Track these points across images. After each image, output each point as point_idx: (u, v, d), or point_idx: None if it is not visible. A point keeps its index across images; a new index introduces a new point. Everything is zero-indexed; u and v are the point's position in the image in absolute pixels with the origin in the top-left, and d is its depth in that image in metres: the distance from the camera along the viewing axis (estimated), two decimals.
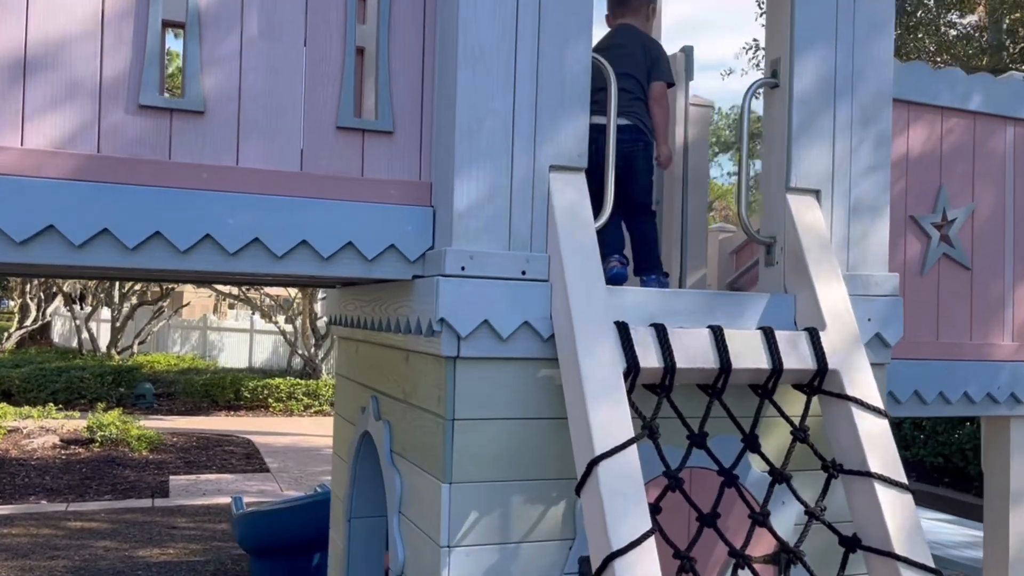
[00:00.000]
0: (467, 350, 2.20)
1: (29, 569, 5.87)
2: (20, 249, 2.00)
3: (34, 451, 10.04)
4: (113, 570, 5.91)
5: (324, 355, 17.55)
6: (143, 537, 6.79)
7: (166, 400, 15.80)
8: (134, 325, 21.96)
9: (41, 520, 7.23)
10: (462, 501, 2.20)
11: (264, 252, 2.21)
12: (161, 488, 8.66)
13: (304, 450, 11.35)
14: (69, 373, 15.42)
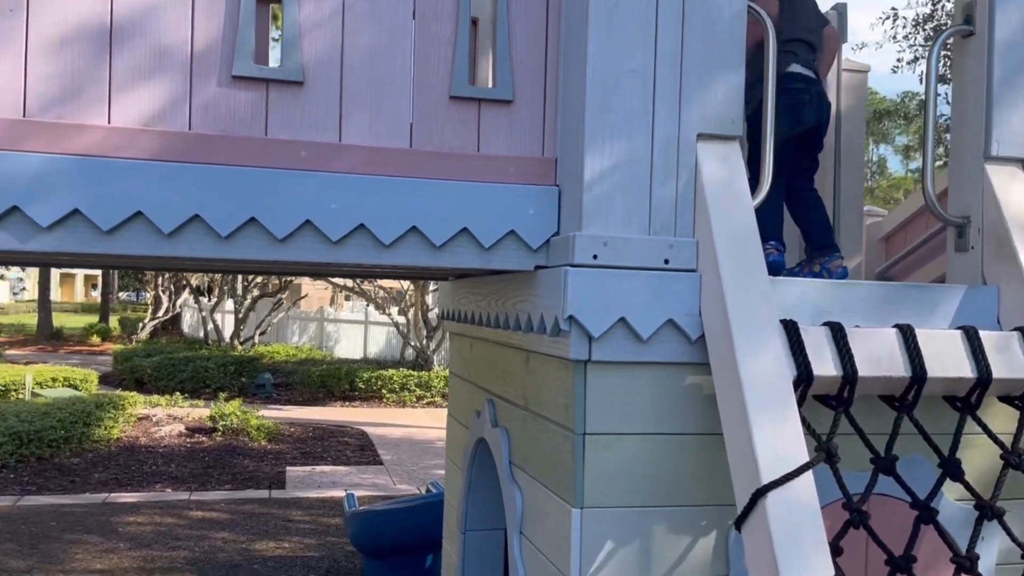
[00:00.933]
0: (600, 353, 1.88)
1: (151, 560, 5.95)
2: (107, 239, 1.81)
3: (161, 439, 10.38)
4: (230, 563, 5.92)
5: (436, 347, 17.61)
6: (260, 530, 6.81)
7: (284, 390, 16.20)
8: (255, 316, 22.75)
9: (165, 509, 7.38)
10: (595, 529, 1.88)
11: (370, 240, 1.95)
12: (278, 479, 8.74)
13: (417, 443, 11.31)
14: (195, 363, 16.03)
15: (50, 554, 5.97)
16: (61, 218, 1.76)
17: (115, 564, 5.81)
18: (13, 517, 6.89)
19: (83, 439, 9.52)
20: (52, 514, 7.03)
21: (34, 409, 9.39)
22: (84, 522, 6.83)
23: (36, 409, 9.40)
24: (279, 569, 5.82)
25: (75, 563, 5.80)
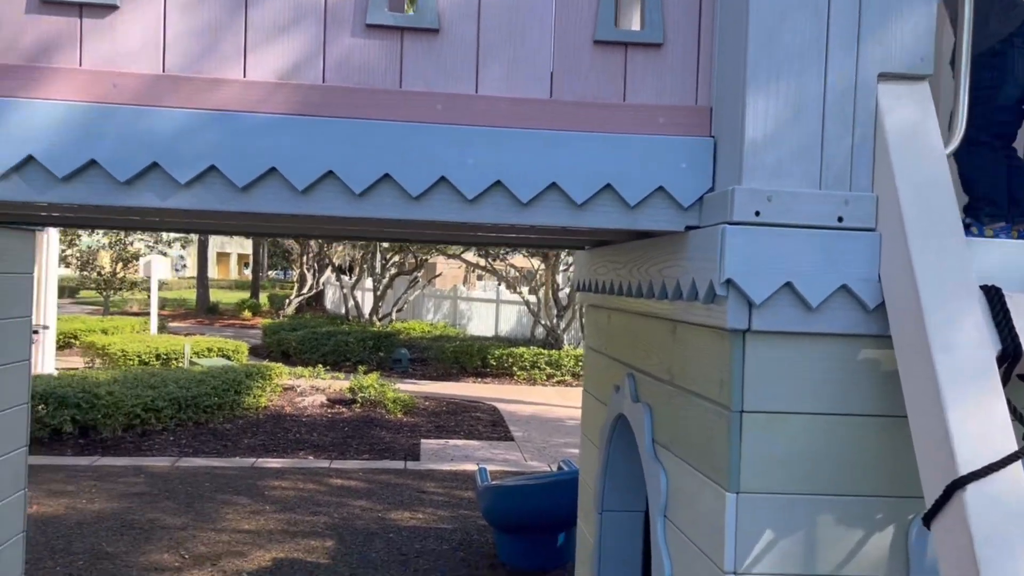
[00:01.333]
0: (761, 322, 1.68)
1: (294, 523, 6.17)
2: (242, 196, 1.77)
3: (305, 408, 10.81)
4: (368, 531, 6.05)
5: (566, 326, 17.52)
6: (395, 499, 6.94)
7: (420, 365, 16.57)
8: (393, 294, 23.41)
9: (307, 475, 7.66)
10: (753, 517, 1.69)
11: (507, 199, 1.83)
12: (413, 451, 8.91)
13: (547, 420, 11.27)
14: (337, 337, 16.65)
15: (203, 513, 6.30)
16: (198, 175, 1.74)
17: (261, 526, 6.06)
18: (172, 477, 7.33)
19: (234, 406, 10.04)
20: (206, 475, 7.43)
21: (191, 377, 9.98)
22: (234, 484, 7.18)
23: (193, 377, 9.98)
24: (413, 539, 5.90)
25: (226, 523, 6.09)
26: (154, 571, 5.07)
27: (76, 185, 1.72)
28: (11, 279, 3.00)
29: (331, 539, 5.82)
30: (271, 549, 5.55)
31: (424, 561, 5.46)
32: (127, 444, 8.45)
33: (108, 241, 25.56)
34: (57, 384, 8.70)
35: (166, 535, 5.74)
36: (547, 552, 5.29)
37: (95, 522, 5.95)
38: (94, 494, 6.65)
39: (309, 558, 5.42)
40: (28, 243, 3.13)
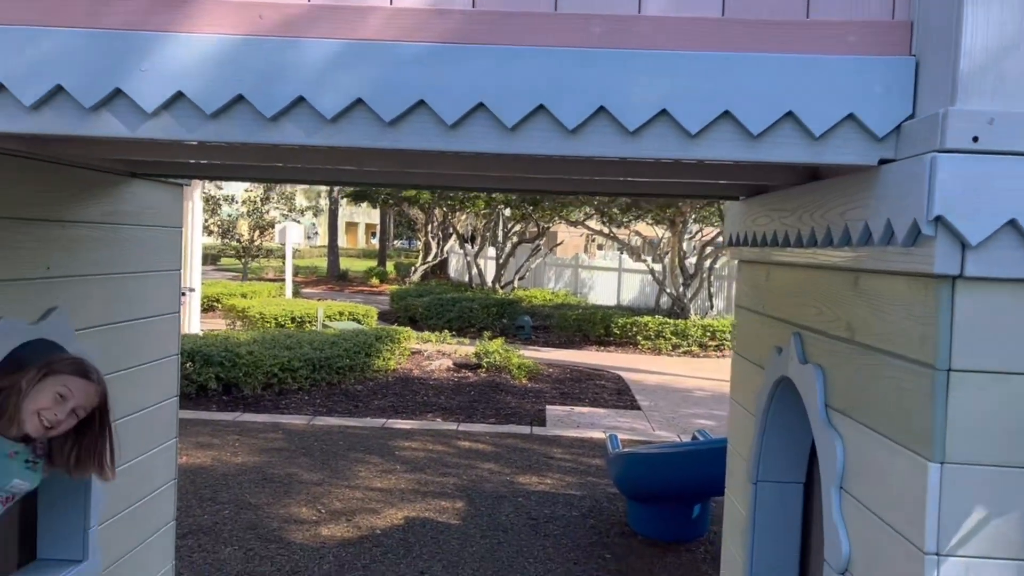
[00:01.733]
0: (977, 266, 1.44)
1: (424, 483, 6.23)
2: (390, 131, 1.67)
3: (432, 372, 10.97)
4: (496, 494, 6.04)
5: (692, 295, 17.04)
6: (523, 464, 6.91)
7: (542, 332, 16.56)
8: (515, 262, 23.50)
9: (436, 437, 7.75)
10: (960, 491, 1.47)
11: (673, 130, 1.65)
12: (538, 416, 8.87)
13: (674, 391, 11.00)
14: (461, 304, 16.85)
15: (338, 470, 6.46)
16: (344, 108, 1.65)
17: (393, 484, 6.15)
18: (307, 435, 7.57)
19: (365, 368, 10.30)
20: (340, 434, 7.64)
21: (324, 339, 10.30)
22: (366, 443, 7.34)
23: (326, 339, 10.29)
24: (542, 504, 5.84)
25: (359, 480, 6.22)
26: (293, 523, 5.22)
27: (223, 121, 1.66)
28: (161, 232, 3.06)
29: (461, 500, 5.85)
30: (402, 508, 5.62)
31: (554, 527, 5.39)
32: (266, 402, 8.81)
33: (246, 210, 26.82)
34: (203, 343, 9.15)
35: (303, 489, 5.92)
36: (681, 523, 5.11)
37: (238, 474, 6.20)
38: (237, 448, 6.95)
39: (440, 518, 5.45)
40: (176, 197, 3.19)
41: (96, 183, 2.60)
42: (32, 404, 2.20)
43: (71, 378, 2.24)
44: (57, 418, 2.22)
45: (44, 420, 2.21)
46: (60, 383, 2.22)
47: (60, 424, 2.24)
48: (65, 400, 2.22)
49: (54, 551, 2.60)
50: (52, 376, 2.22)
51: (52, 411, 2.21)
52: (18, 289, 2.22)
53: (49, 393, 2.21)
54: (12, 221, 2.19)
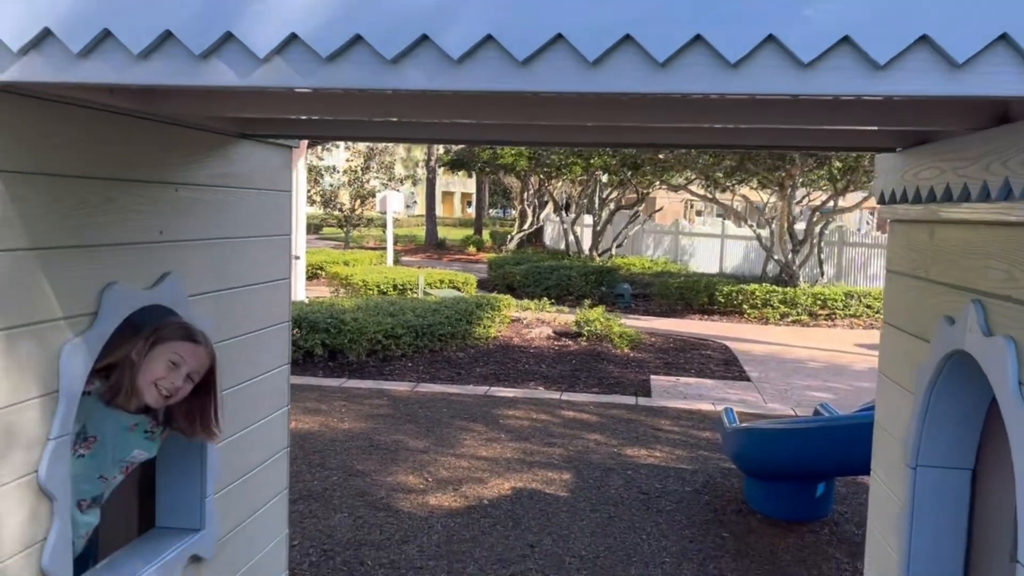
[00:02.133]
0: None
1: (530, 453, 6.12)
2: (523, 71, 1.48)
3: (532, 340, 10.86)
4: (604, 466, 5.87)
5: (801, 262, 16.34)
6: (629, 435, 6.71)
7: (642, 301, 16.23)
8: (612, 229, 23.11)
9: (539, 406, 7.63)
10: None
11: (855, 60, 1.40)
12: (643, 387, 8.64)
13: (785, 361, 10.56)
14: (559, 272, 16.67)
15: (443, 438, 6.43)
16: (472, 47, 1.47)
17: (498, 454, 6.07)
18: (411, 401, 7.58)
19: (466, 335, 10.27)
20: (443, 402, 7.62)
21: (426, 306, 10.31)
22: (470, 411, 7.29)
23: (428, 306, 10.31)
24: (652, 478, 5.64)
25: (464, 448, 6.17)
26: (401, 491, 5.20)
27: (340, 65, 1.51)
28: (272, 196, 2.98)
29: (568, 472, 5.71)
30: (509, 478, 5.52)
31: (666, 501, 5.19)
32: (370, 368, 8.89)
33: (347, 180, 27.31)
34: (309, 310, 9.29)
35: (410, 457, 5.90)
36: (804, 502, 4.82)
37: (346, 440, 6.24)
38: (343, 414, 7.01)
39: (547, 490, 5.33)
40: (286, 159, 3.10)
41: (206, 144, 2.52)
42: (147, 376, 2.16)
43: (180, 344, 2.20)
44: (174, 385, 2.18)
45: (162, 390, 2.18)
46: (170, 351, 2.18)
47: (178, 391, 2.20)
48: (178, 367, 2.18)
49: (172, 519, 2.57)
50: (161, 344, 2.18)
51: (168, 379, 2.17)
52: (132, 253, 2.16)
53: (161, 362, 2.17)
54: (125, 183, 2.12)
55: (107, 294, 2.04)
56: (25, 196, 1.78)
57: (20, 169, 1.76)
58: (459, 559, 4.22)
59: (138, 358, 2.16)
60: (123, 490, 2.79)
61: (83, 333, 1.96)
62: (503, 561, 4.21)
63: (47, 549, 1.88)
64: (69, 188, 1.91)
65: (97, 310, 2.01)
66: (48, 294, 1.86)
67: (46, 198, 1.84)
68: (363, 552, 4.26)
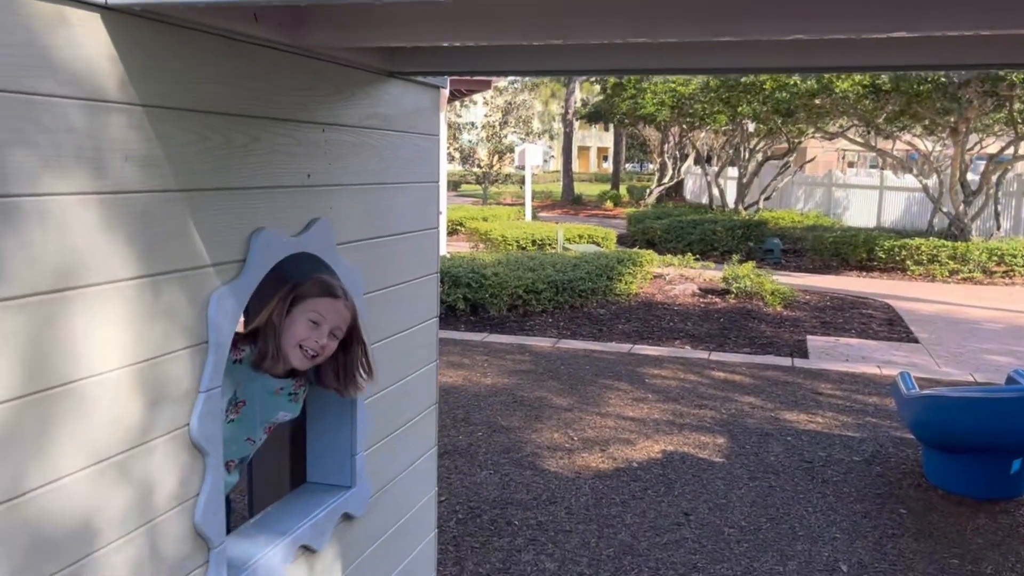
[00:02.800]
0: None
1: (680, 415, 5.83)
2: None
3: (676, 297, 10.46)
4: (761, 430, 5.51)
5: (975, 214, 14.95)
6: (787, 399, 6.29)
7: (792, 256, 15.37)
8: (759, 182, 22.01)
9: (686, 365, 7.29)
10: None
11: None
12: (799, 347, 8.11)
13: (956, 322, 9.67)
14: (703, 226, 16.03)
15: (587, 396, 6.23)
16: None
17: (645, 414, 5.82)
18: (553, 357, 7.43)
19: (607, 292, 10.01)
20: (585, 359, 7.42)
21: (566, 261, 10.10)
22: (613, 369, 7.06)
23: (568, 261, 10.09)
24: (815, 445, 5.23)
25: (609, 407, 5.95)
26: (546, 450, 5.05)
27: None
28: (420, 140, 2.82)
29: (721, 436, 5.39)
30: (658, 440, 5.27)
31: (832, 471, 4.79)
32: (511, 323, 8.80)
33: (485, 135, 27.35)
34: (451, 265, 9.29)
35: (554, 415, 5.75)
36: (996, 479, 4.31)
37: (489, 395, 6.16)
38: (486, 368, 6.94)
39: (700, 454, 5.04)
40: (435, 101, 2.92)
41: (354, 82, 2.36)
42: (290, 338, 2.06)
43: (319, 300, 2.08)
44: (318, 344, 2.07)
45: (307, 351, 2.07)
46: (309, 309, 2.07)
47: (323, 350, 2.09)
48: (319, 325, 2.07)
49: (323, 475, 2.49)
50: (299, 303, 2.07)
51: (311, 339, 2.06)
52: (279, 198, 2.03)
53: (302, 322, 2.06)
54: (271, 122, 1.98)
55: (255, 240, 1.92)
56: (171, 133, 1.66)
57: (166, 104, 1.64)
58: (609, 524, 4.03)
59: (279, 320, 2.06)
60: (275, 443, 2.74)
61: (231, 281, 1.85)
62: (656, 528, 3.99)
63: (199, 505, 1.80)
64: (215, 126, 1.78)
65: (245, 257, 1.90)
66: (195, 240, 1.75)
67: (192, 136, 1.72)
68: (509, 511, 4.14)
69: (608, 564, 3.62)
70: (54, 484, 1.45)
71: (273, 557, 2.09)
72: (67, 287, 1.46)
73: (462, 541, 3.81)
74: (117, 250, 1.55)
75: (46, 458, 1.43)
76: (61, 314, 1.45)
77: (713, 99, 17.68)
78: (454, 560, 3.63)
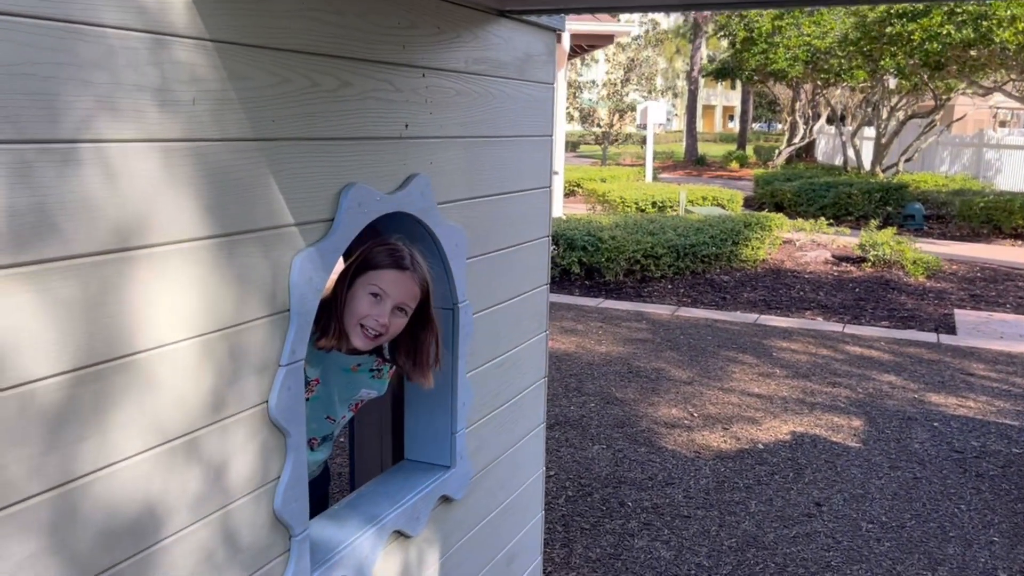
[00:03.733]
0: None
1: (810, 392, 5.39)
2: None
3: (807, 264, 9.82)
4: (903, 414, 5.01)
5: None
6: (932, 379, 5.72)
7: (936, 223, 14.22)
8: (899, 143, 20.49)
9: (818, 339, 6.78)
10: None
11: None
12: (945, 322, 7.41)
13: None
14: (837, 189, 15.06)
15: (708, 369, 5.87)
16: None
17: (773, 391, 5.41)
18: (672, 326, 7.07)
19: (731, 257, 9.50)
20: (707, 328, 7.02)
21: (688, 225, 9.63)
22: (737, 341, 6.64)
23: (690, 225, 9.62)
24: (967, 433, 4.70)
25: (733, 382, 5.58)
26: (663, 425, 4.76)
27: None
28: (533, 89, 2.55)
29: (857, 418, 4.93)
30: (786, 420, 4.87)
31: (988, 464, 4.27)
32: (628, 289, 8.47)
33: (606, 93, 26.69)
34: (566, 227, 9.01)
35: (672, 388, 5.43)
36: None
37: (603, 364, 5.90)
38: (600, 336, 6.67)
39: (833, 437, 4.62)
40: (549, 45, 2.64)
41: (459, 20, 2.11)
42: (352, 315, 1.84)
43: (383, 272, 1.84)
44: (380, 323, 1.83)
45: (368, 330, 1.84)
46: (370, 281, 1.83)
47: (387, 329, 1.85)
48: (381, 300, 1.83)
49: (420, 453, 2.31)
50: (361, 275, 1.83)
51: (372, 316, 1.83)
52: (372, 151, 1.82)
53: (363, 296, 1.83)
54: (363, 64, 1.76)
55: (344, 197, 1.72)
56: (248, 74, 1.46)
57: (241, 40, 1.44)
58: (732, 511, 3.71)
59: (342, 294, 1.84)
60: (376, 415, 2.59)
61: (317, 243, 1.66)
62: (784, 519, 3.65)
63: (280, 490, 1.64)
64: (297, 67, 1.57)
65: (333, 216, 1.70)
66: (276, 196, 1.56)
67: (272, 78, 1.52)
68: (622, 491, 3.89)
69: (729, 556, 3.33)
70: (113, 467, 1.30)
71: (362, 544, 1.92)
72: (128, 247, 1.29)
73: (571, 521, 3.60)
74: (186, 205, 1.38)
75: (104, 439, 1.28)
76: (122, 277, 1.28)
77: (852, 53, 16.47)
78: (562, 542, 3.42)
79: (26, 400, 1.16)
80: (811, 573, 3.22)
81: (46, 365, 1.18)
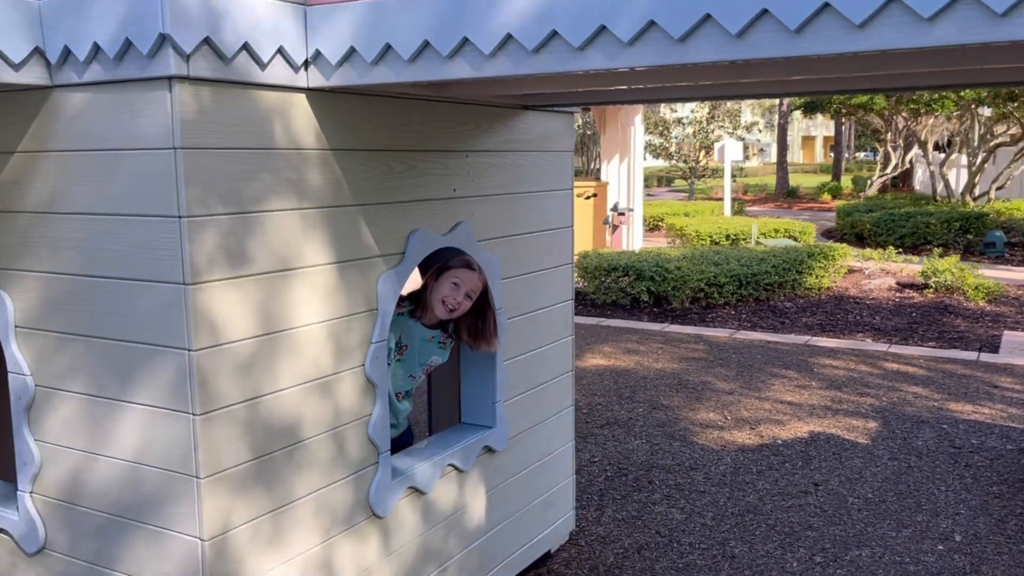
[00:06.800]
0: None
1: (838, 400, 6.07)
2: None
3: (870, 291, 10.32)
4: (917, 418, 5.63)
5: None
6: (957, 390, 6.28)
7: (1019, 250, 14.27)
8: (994, 169, 20.34)
9: (860, 357, 7.39)
10: None
11: None
12: (991, 342, 7.87)
13: None
14: (916, 218, 15.31)
15: (751, 381, 6.61)
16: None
17: (804, 399, 6.11)
18: (727, 347, 7.81)
19: (795, 285, 10.11)
20: (759, 348, 7.73)
21: (753, 256, 10.32)
22: (784, 358, 7.33)
23: (755, 256, 10.30)
24: (970, 433, 5.30)
25: (770, 392, 6.30)
26: (699, 426, 5.55)
27: (638, 47, 1.83)
28: (553, 157, 3.51)
29: (874, 421, 5.59)
30: (809, 422, 5.58)
31: (979, 457, 4.89)
32: (692, 315, 9.23)
33: (693, 130, 27.37)
34: (636, 259, 9.87)
35: (714, 397, 6.21)
36: None
37: (657, 378, 6.72)
38: (659, 355, 7.49)
39: (847, 435, 5.31)
40: (568, 124, 3.60)
41: (494, 117, 3.11)
42: (437, 295, 2.86)
43: (460, 270, 2.87)
44: (456, 300, 2.87)
45: (447, 305, 2.87)
46: (453, 276, 2.86)
47: (459, 306, 2.88)
48: (459, 287, 2.86)
49: (471, 417, 3.27)
50: (446, 272, 2.86)
51: (451, 297, 2.86)
52: (431, 207, 2.82)
53: (447, 284, 2.86)
54: (425, 153, 2.78)
55: (412, 237, 2.72)
56: (349, 167, 2.49)
57: (345, 147, 2.47)
58: (740, 488, 4.50)
59: (432, 282, 2.87)
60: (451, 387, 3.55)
61: (395, 267, 2.67)
62: (783, 494, 4.41)
63: (372, 421, 2.63)
64: (380, 160, 2.60)
65: (405, 250, 2.71)
66: (368, 238, 2.58)
67: (363, 168, 2.54)
68: (653, 473, 4.73)
69: (730, 520, 4.12)
70: (277, 393, 2.32)
71: (427, 468, 2.90)
72: (285, 268, 2.32)
73: (606, 492, 4.47)
74: (316, 245, 2.40)
75: (273, 376, 2.30)
76: (282, 286, 2.31)
77: None
78: (596, 506, 4.29)
79: (234, 350, 2.19)
80: (794, 531, 3.98)
81: (244, 331, 2.21)
